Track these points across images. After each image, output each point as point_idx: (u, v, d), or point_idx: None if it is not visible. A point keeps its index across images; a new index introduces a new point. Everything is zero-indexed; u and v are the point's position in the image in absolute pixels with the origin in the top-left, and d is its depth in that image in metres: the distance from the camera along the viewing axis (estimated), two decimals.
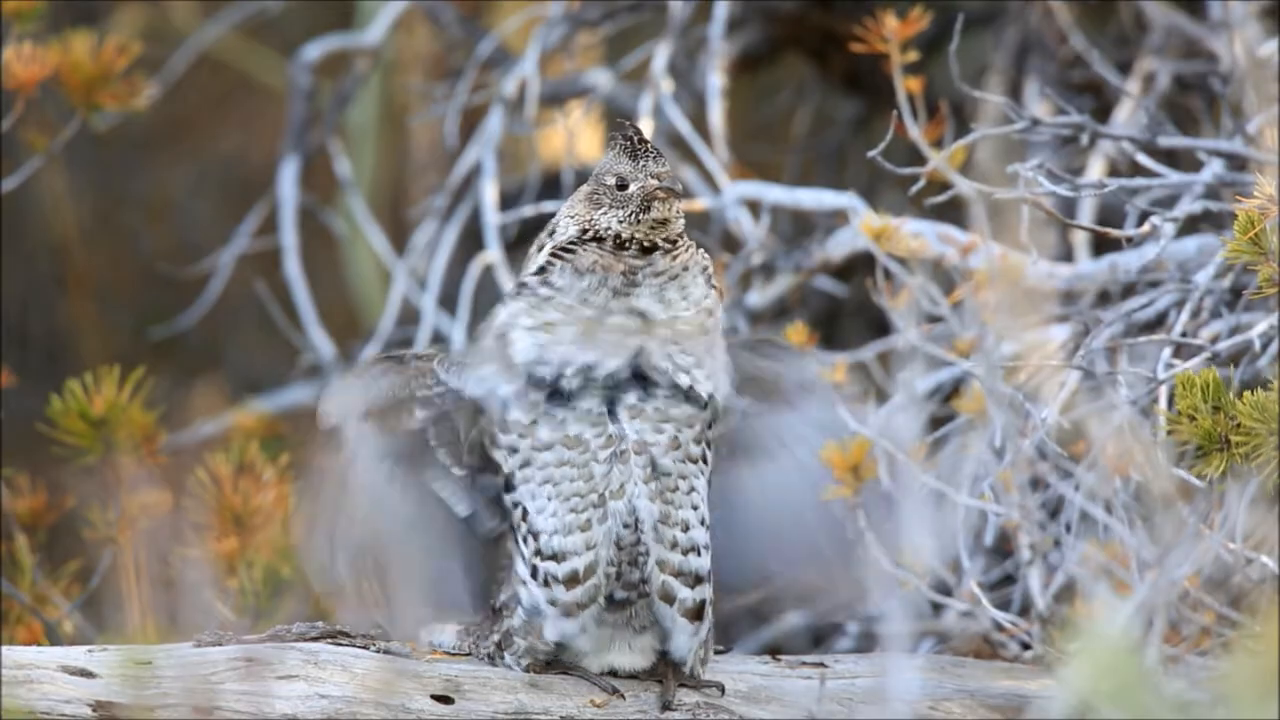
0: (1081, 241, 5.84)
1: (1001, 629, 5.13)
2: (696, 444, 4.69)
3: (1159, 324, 5.30)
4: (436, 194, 6.34)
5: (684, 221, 4.73)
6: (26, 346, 7.53)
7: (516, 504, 4.68)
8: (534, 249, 4.76)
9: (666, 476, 4.66)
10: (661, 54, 6.17)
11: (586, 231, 4.70)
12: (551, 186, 6.32)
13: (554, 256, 4.69)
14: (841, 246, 5.82)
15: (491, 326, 4.71)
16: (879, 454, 4.94)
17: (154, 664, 4.59)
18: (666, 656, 4.72)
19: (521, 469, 4.66)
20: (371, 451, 4.77)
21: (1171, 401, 4.81)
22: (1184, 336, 5.17)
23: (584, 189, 4.76)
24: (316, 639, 4.70)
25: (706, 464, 4.71)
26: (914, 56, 5.31)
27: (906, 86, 5.27)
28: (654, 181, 4.69)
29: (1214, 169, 5.37)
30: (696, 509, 4.69)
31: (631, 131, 4.74)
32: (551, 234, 4.75)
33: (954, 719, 4.81)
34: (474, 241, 6.20)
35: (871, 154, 5.16)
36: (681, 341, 4.66)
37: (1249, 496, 4.70)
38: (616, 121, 4.85)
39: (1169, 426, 4.70)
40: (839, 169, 6.62)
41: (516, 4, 6.68)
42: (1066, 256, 5.80)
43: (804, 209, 5.91)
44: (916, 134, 5.23)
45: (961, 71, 5.30)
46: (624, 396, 4.64)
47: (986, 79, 6.18)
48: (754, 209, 5.93)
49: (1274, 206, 4.70)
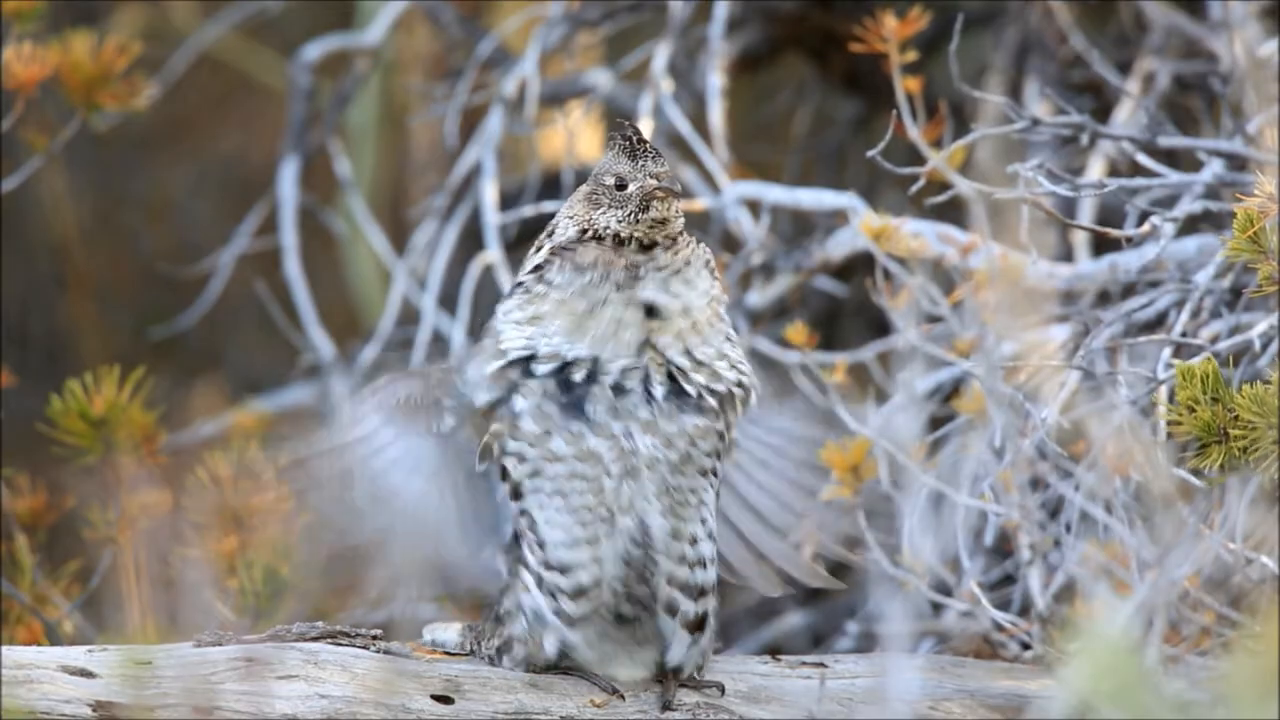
0: (1081, 241, 5.84)
1: (1001, 629, 5.13)
2: (708, 456, 4.67)
3: (1159, 324, 5.29)
4: (436, 194, 6.34)
5: (683, 221, 4.73)
6: (26, 346, 7.53)
7: (524, 512, 4.66)
8: (533, 250, 4.75)
9: (677, 491, 4.65)
10: (661, 54, 6.17)
11: (586, 231, 4.70)
12: (551, 186, 6.32)
13: (552, 254, 4.68)
14: (841, 246, 5.82)
15: (490, 329, 4.71)
16: (879, 454, 4.94)
17: (154, 664, 4.59)
18: (665, 666, 4.72)
19: (531, 478, 4.64)
20: (391, 449, 4.75)
21: (1172, 398, 4.81)
22: (1184, 336, 5.17)
23: (583, 189, 4.75)
24: (316, 639, 4.70)
25: (716, 477, 4.70)
26: (913, 56, 5.31)
27: (906, 86, 5.27)
28: (653, 181, 4.69)
29: (1214, 169, 5.37)
30: (705, 522, 4.68)
31: (630, 131, 4.74)
32: (550, 235, 4.74)
33: (954, 719, 4.81)
34: (474, 241, 6.20)
35: (871, 154, 5.16)
36: (703, 332, 4.65)
37: (1249, 496, 4.70)
38: (616, 121, 4.84)
39: (1168, 418, 4.70)
40: (839, 169, 6.62)
41: (516, 4, 6.67)
42: (1066, 256, 5.80)
43: (804, 209, 5.91)
44: (916, 134, 5.23)
45: (961, 71, 5.30)
46: (637, 410, 4.63)
47: (986, 79, 6.17)
48: (754, 209, 5.93)
49: (1274, 205, 4.70)
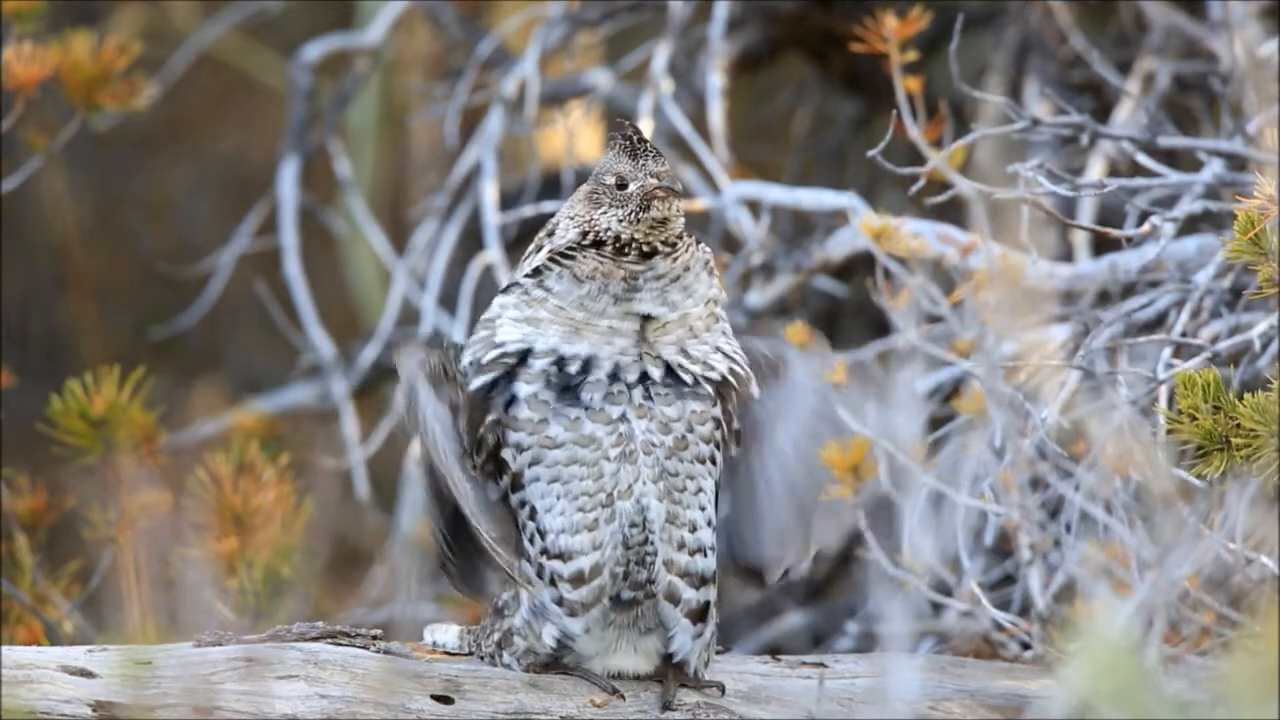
0: (1081, 241, 5.84)
1: (1001, 629, 5.13)
2: (705, 444, 4.68)
3: (1159, 324, 5.30)
4: (436, 194, 6.34)
5: (684, 220, 4.73)
6: (26, 346, 7.53)
7: (524, 503, 4.67)
8: (532, 248, 4.75)
9: (674, 477, 4.66)
10: (661, 54, 6.17)
11: (587, 234, 4.69)
12: (551, 186, 6.32)
13: (552, 261, 4.68)
14: (841, 246, 5.82)
15: (486, 319, 4.71)
16: (879, 454, 4.94)
17: (154, 664, 4.59)
18: (671, 659, 4.72)
19: (530, 467, 4.65)
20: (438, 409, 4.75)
21: (1172, 401, 4.81)
22: (1184, 336, 5.17)
23: (584, 189, 4.75)
24: (316, 639, 4.70)
25: (715, 465, 4.70)
26: (913, 56, 5.31)
27: (906, 86, 5.27)
28: (654, 181, 4.69)
29: (1214, 169, 5.37)
30: (704, 510, 4.68)
31: (631, 131, 4.74)
32: (550, 234, 4.74)
33: (954, 719, 4.80)
34: (474, 241, 6.20)
35: (871, 154, 5.16)
36: (700, 334, 4.66)
37: (1249, 496, 4.69)
38: (616, 121, 4.84)
39: (1169, 426, 4.70)
40: (839, 169, 6.62)
41: (516, 4, 6.68)
42: (1066, 256, 5.80)
43: (804, 209, 5.91)
44: (916, 134, 5.23)
45: (961, 71, 5.30)
46: (633, 395, 4.64)
47: (986, 79, 6.18)
48: (754, 209, 5.93)
49: (1274, 206, 4.69)
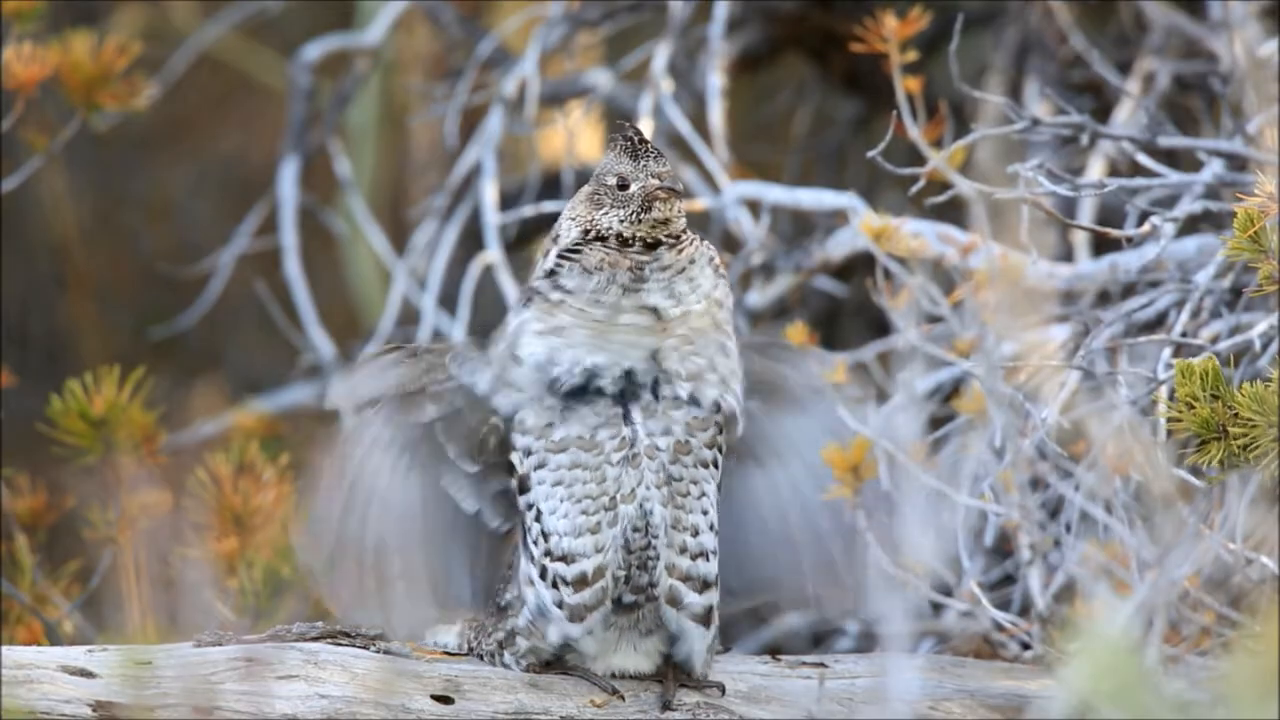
0: (1081, 241, 5.84)
1: (1001, 629, 5.13)
2: (708, 448, 4.68)
3: (1159, 324, 5.29)
4: (436, 194, 6.34)
5: (685, 220, 4.73)
6: (26, 346, 7.53)
7: (530, 505, 4.67)
8: (539, 255, 4.76)
9: (678, 481, 4.66)
10: (661, 54, 6.17)
11: (589, 232, 4.70)
12: (551, 186, 6.32)
13: (561, 259, 4.69)
14: (841, 246, 5.82)
15: (504, 334, 4.70)
16: (879, 454, 4.94)
17: (154, 664, 4.59)
18: (671, 659, 4.72)
19: (536, 470, 4.65)
20: (378, 442, 4.74)
21: (1172, 398, 4.81)
22: (1184, 336, 5.17)
23: (585, 190, 4.76)
24: (316, 639, 4.70)
25: (717, 469, 4.70)
26: (913, 56, 5.31)
27: (906, 86, 5.26)
28: (655, 181, 4.69)
29: (1214, 169, 5.37)
30: (706, 514, 4.69)
31: (632, 132, 4.74)
32: (555, 239, 4.75)
33: (954, 719, 4.80)
34: (474, 241, 6.20)
35: (871, 154, 5.16)
36: (695, 341, 4.66)
37: (1249, 496, 4.70)
38: (617, 122, 4.85)
39: (1168, 415, 4.70)
40: (839, 169, 6.62)
41: (516, 4, 6.67)
42: (1066, 256, 5.80)
43: (804, 209, 5.91)
44: (916, 134, 5.23)
45: (961, 71, 5.30)
46: (638, 399, 4.64)
47: (986, 79, 6.17)
48: (754, 209, 5.93)
49: (1274, 205, 4.70)
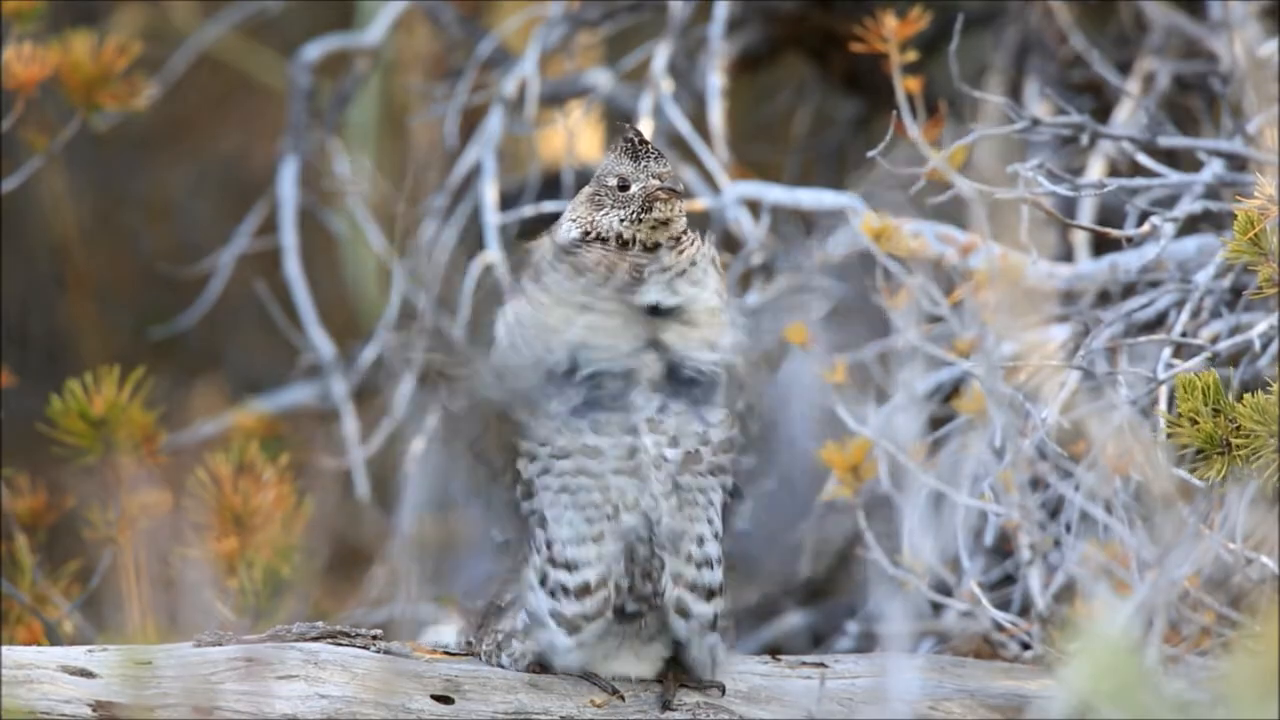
0: (1081, 241, 5.84)
1: (1001, 629, 5.13)
2: (715, 456, 4.67)
3: (1159, 324, 5.30)
4: (436, 194, 6.34)
5: (686, 221, 4.73)
6: (26, 346, 7.53)
7: (534, 511, 4.66)
8: (534, 252, 4.75)
9: (685, 491, 4.65)
10: (661, 54, 6.17)
11: (589, 233, 4.70)
12: (551, 186, 6.32)
13: (556, 257, 4.68)
14: (841, 246, 5.82)
15: (495, 328, 4.70)
16: (879, 454, 4.94)
17: (154, 664, 4.59)
18: (675, 663, 4.71)
19: (541, 476, 4.65)
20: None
21: (1172, 403, 4.81)
22: (1184, 336, 5.17)
23: (586, 191, 4.75)
24: (316, 639, 4.70)
25: (727, 476, 4.70)
26: (913, 56, 5.31)
27: (906, 86, 5.27)
28: (655, 182, 4.69)
29: (1214, 169, 5.37)
30: (712, 523, 4.67)
31: (632, 133, 4.74)
32: (553, 237, 4.74)
33: (954, 719, 4.81)
34: (474, 241, 6.20)
35: (871, 154, 5.16)
36: (700, 326, 4.65)
37: (1249, 497, 4.70)
38: (617, 123, 4.85)
39: (1169, 429, 4.70)
40: (839, 169, 6.62)
41: (516, 4, 6.67)
42: (1066, 256, 5.80)
43: (804, 209, 5.91)
44: (916, 134, 5.23)
45: (961, 71, 5.30)
46: (646, 408, 4.63)
47: (986, 79, 6.17)
48: (754, 209, 5.93)
49: (1274, 206, 4.70)
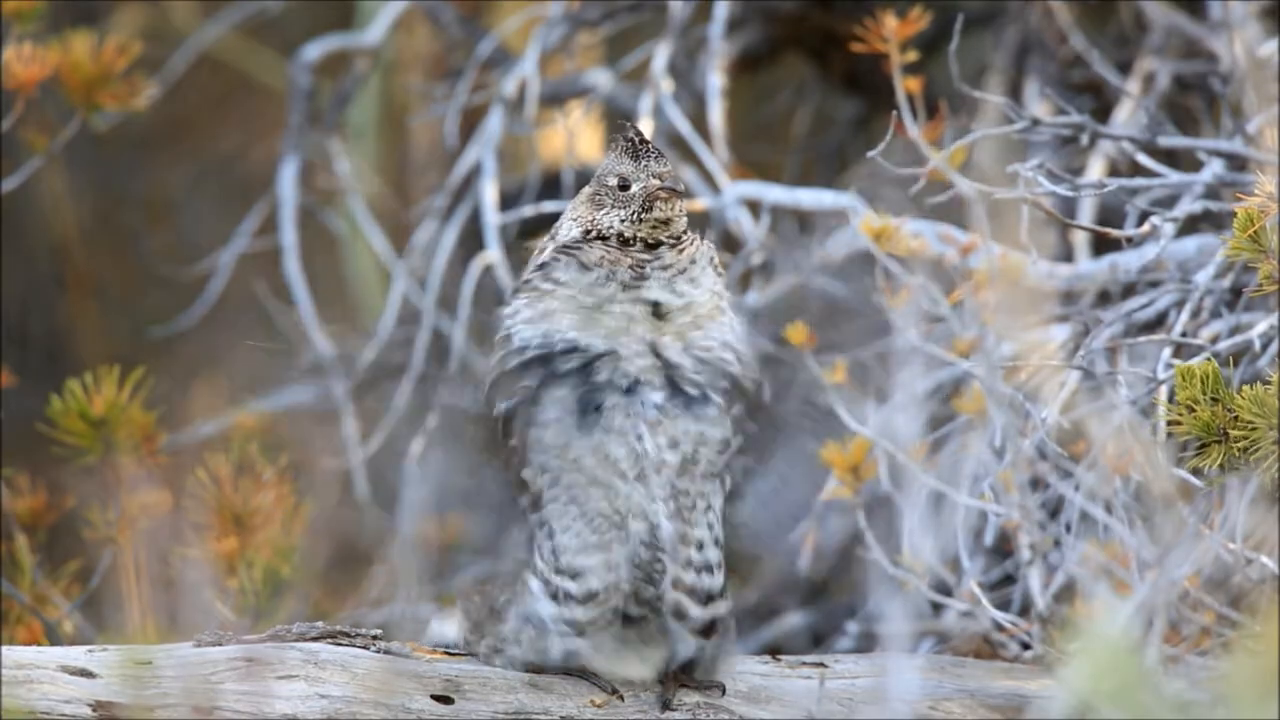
0: (1081, 241, 5.84)
1: (1001, 629, 5.13)
2: (715, 459, 4.67)
3: (1159, 324, 5.30)
4: (436, 194, 6.34)
5: (686, 220, 4.73)
6: (26, 346, 7.52)
7: (543, 523, 4.65)
8: (536, 251, 4.76)
9: (685, 495, 4.65)
10: (661, 54, 6.17)
11: (590, 232, 4.70)
12: (551, 186, 6.32)
13: (558, 254, 4.68)
14: (841, 246, 5.82)
15: (499, 331, 4.70)
16: (879, 454, 4.94)
17: (154, 664, 4.59)
18: (675, 663, 4.71)
19: (550, 488, 4.65)
20: None
21: (1172, 398, 4.81)
22: (1184, 336, 5.17)
23: (586, 190, 4.75)
24: (316, 639, 4.70)
25: (724, 480, 4.70)
26: (914, 56, 5.31)
27: (906, 86, 5.27)
28: (656, 181, 4.69)
29: (1214, 169, 5.37)
30: (711, 528, 4.67)
31: (633, 132, 4.74)
32: (554, 236, 4.74)
33: (954, 719, 4.81)
34: (474, 241, 6.20)
35: (871, 154, 5.16)
36: (702, 326, 4.65)
37: (1249, 496, 4.70)
38: (617, 122, 4.85)
39: (1168, 418, 4.70)
40: (839, 169, 6.62)
41: (516, 4, 6.67)
42: (1066, 256, 5.80)
43: (804, 209, 5.91)
44: (916, 134, 5.23)
45: (961, 71, 5.30)
46: (647, 412, 4.62)
47: (986, 79, 6.17)
48: (754, 209, 5.93)
49: (1274, 204, 4.70)
